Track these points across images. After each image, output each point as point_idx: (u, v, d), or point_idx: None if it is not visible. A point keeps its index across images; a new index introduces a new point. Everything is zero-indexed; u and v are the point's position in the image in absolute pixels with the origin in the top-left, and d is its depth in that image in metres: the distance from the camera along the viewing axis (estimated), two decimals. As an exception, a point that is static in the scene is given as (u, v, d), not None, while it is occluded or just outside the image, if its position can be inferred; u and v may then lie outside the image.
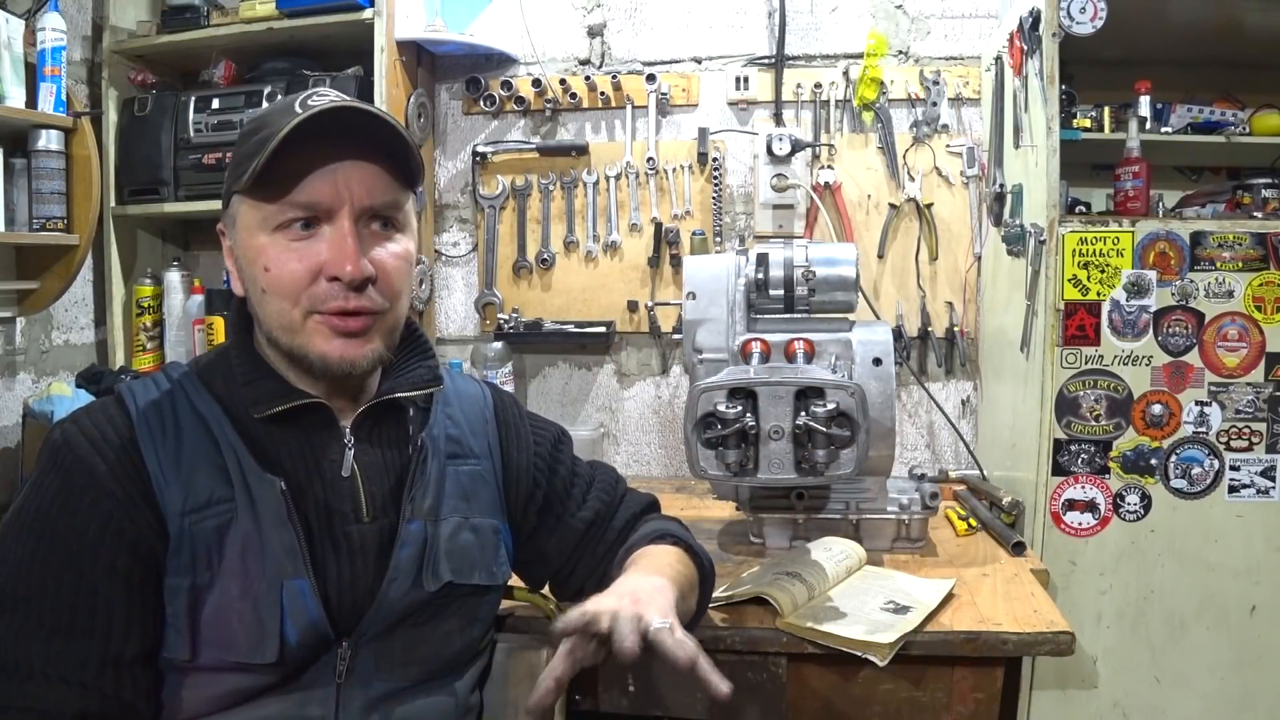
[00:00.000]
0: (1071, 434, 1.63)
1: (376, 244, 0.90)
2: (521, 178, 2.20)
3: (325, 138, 0.86)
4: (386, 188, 0.90)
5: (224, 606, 0.84)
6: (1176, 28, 1.77)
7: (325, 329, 0.88)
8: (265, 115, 0.91)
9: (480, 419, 1.08)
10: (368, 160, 0.89)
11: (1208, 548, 1.63)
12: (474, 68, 2.21)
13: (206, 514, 0.85)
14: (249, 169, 0.85)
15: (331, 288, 0.87)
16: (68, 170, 1.88)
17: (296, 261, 0.87)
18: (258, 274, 0.88)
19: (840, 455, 1.20)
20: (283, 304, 0.88)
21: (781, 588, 1.22)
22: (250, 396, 0.90)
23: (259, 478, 0.88)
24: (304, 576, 0.87)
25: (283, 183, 0.86)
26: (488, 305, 2.24)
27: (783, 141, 2.04)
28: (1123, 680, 1.65)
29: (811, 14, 2.13)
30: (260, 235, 0.88)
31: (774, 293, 1.48)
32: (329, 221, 0.87)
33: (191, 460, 0.87)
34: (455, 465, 1.02)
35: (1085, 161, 1.93)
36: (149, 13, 2.16)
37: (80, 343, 2.14)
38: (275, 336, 0.90)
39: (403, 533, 0.93)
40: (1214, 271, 1.60)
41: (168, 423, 0.88)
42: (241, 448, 0.88)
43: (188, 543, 0.84)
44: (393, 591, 0.92)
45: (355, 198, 0.88)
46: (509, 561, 1.07)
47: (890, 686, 1.18)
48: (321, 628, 0.88)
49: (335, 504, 0.91)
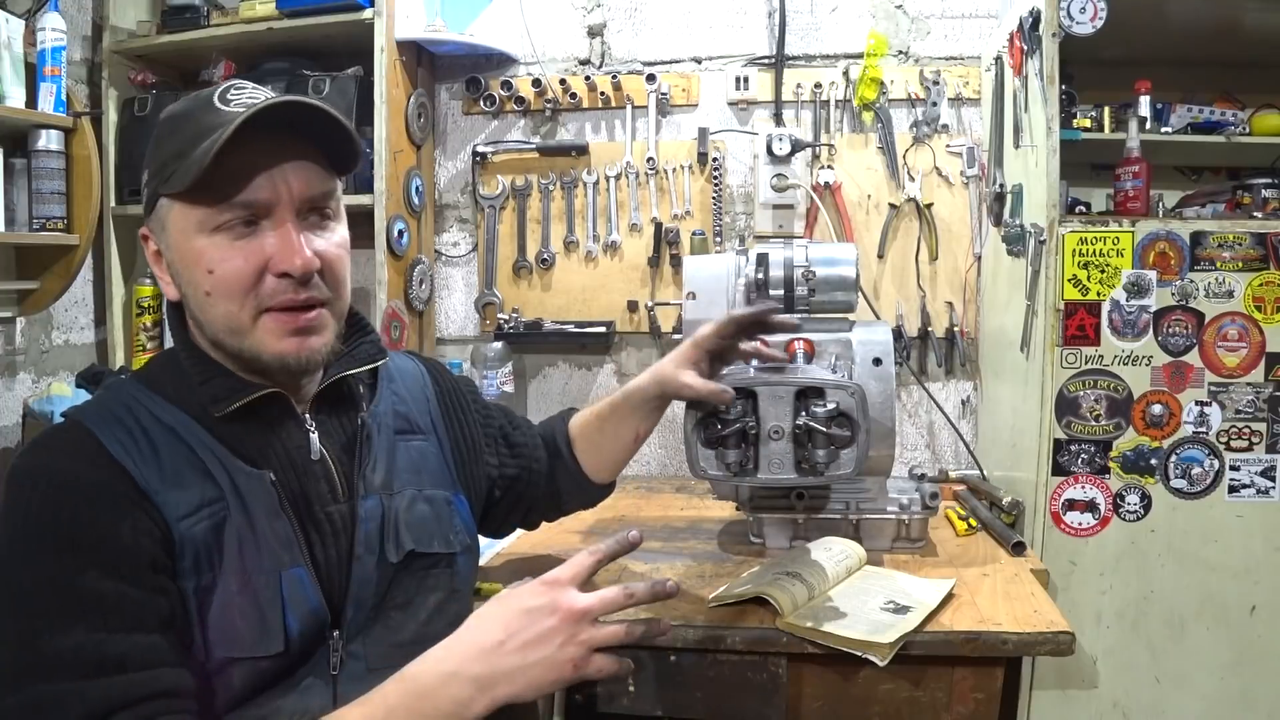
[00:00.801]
0: (1071, 434, 1.63)
1: (316, 235, 0.89)
2: (521, 178, 2.20)
3: (257, 133, 0.83)
4: (322, 179, 0.90)
5: (226, 603, 0.84)
6: (1176, 28, 1.77)
7: (277, 327, 0.87)
8: (184, 111, 0.88)
9: (421, 396, 1.10)
10: (302, 154, 0.88)
11: (1208, 548, 1.63)
12: (474, 68, 2.21)
13: (201, 515, 0.84)
14: (182, 170, 0.83)
15: (279, 283, 0.86)
16: (68, 170, 1.88)
17: (241, 260, 0.85)
18: (199, 277, 0.86)
19: (840, 455, 1.20)
20: (229, 305, 0.86)
21: (781, 588, 1.22)
22: (208, 395, 0.89)
23: (245, 474, 0.87)
24: (301, 564, 0.88)
25: (220, 183, 0.83)
26: (488, 305, 2.24)
27: (783, 141, 2.04)
28: (1123, 680, 1.65)
29: (811, 14, 2.13)
30: (198, 238, 0.85)
31: (774, 293, 1.48)
32: (269, 217, 0.86)
33: (173, 468, 0.85)
34: (405, 440, 1.03)
35: (1085, 161, 1.93)
36: (149, 13, 2.16)
37: (80, 343, 2.14)
38: (222, 340, 0.89)
39: (360, 510, 0.94)
40: (1214, 271, 1.60)
41: (137, 436, 0.85)
42: (218, 447, 0.87)
43: (189, 547, 0.83)
44: (361, 569, 0.92)
45: (294, 192, 0.87)
46: (467, 530, 1.08)
47: (890, 686, 1.18)
48: (321, 614, 0.88)
49: (311, 488, 0.92)
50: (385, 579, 0.95)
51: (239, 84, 0.89)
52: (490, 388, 2.07)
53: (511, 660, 0.78)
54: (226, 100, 0.86)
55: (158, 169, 0.87)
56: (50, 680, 0.74)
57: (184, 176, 0.82)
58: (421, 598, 0.98)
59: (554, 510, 1.35)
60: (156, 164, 0.87)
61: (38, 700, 0.73)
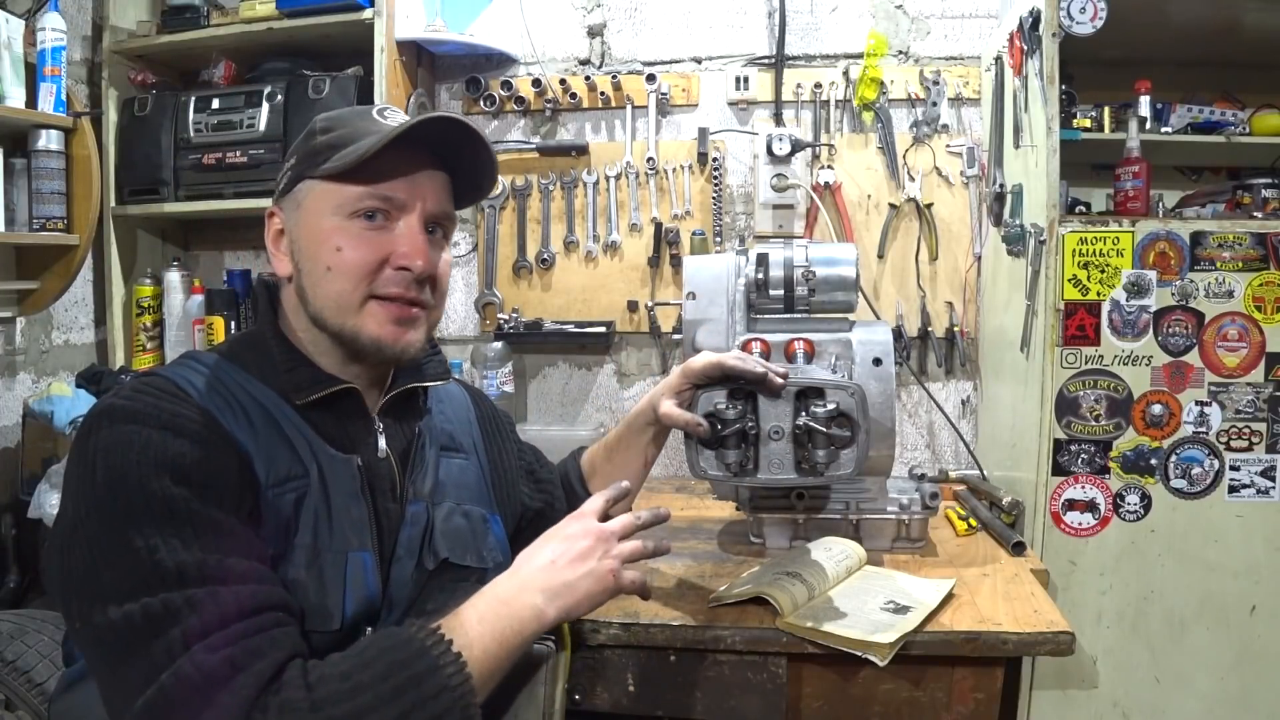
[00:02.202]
0: (1071, 434, 1.63)
1: (434, 248, 0.98)
2: (521, 178, 2.20)
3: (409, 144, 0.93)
4: (448, 200, 1.00)
5: (293, 578, 0.86)
6: (1176, 28, 1.77)
7: (381, 313, 0.94)
8: (342, 117, 0.98)
9: (465, 418, 1.17)
10: (440, 170, 0.98)
11: (1208, 548, 1.63)
12: (474, 68, 2.22)
13: (286, 488, 0.88)
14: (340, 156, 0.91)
15: (397, 276, 0.94)
16: (68, 170, 1.88)
17: (368, 248, 0.93)
18: (325, 254, 0.92)
19: (840, 455, 1.20)
20: (345, 284, 0.92)
21: (781, 588, 1.22)
22: (292, 383, 0.94)
23: (330, 456, 0.92)
24: (368, 549, 0.92)
25: (369, 173, 0.92)
26: (488, 305, 2.24)
27: (783, 141, 2.04)
28: (1123, 680, 1.65)
29: (811, 14, 2.13)
30: (332, 218, 0.93)
31: (774, 293, 1.48)
32: (400, 217, 0.94)
33: (266, 437, 0.89)
34: (448, 457, 1.09)
35: (1085, 161, 1.93)
36: (149, 13, 2.16)
37: (80, 343, 2.14)
38: (325, 316, 0.94)
39: (406, 514, 0.98)
40: (1214, 271, 1.60)
41: (231, 402, 0.89)
42: (306, 429, 0.92)
43: (271, 516, 0.87)
44: (400, 571, 0.96)
45: (427, 201, 0.96)
46: (500, 549, 1.10)
47: (890, 686, 1.18)
48: (376, 602, 0.92)
49: (377, 483, 0.96)
50: (419, 584, 0.98)
51: (393, 107, 1.00)
52: (490, 388, 2.07)
53: (565, 574, 0.89)
54: (384, 115, 0.96)
55: (307, 154, 0.95)
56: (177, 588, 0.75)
57: (342, 161, 0.91)
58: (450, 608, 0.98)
59: None
60: (307, 151, 0.95)
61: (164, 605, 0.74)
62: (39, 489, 1.68)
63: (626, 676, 1.22)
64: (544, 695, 1.17)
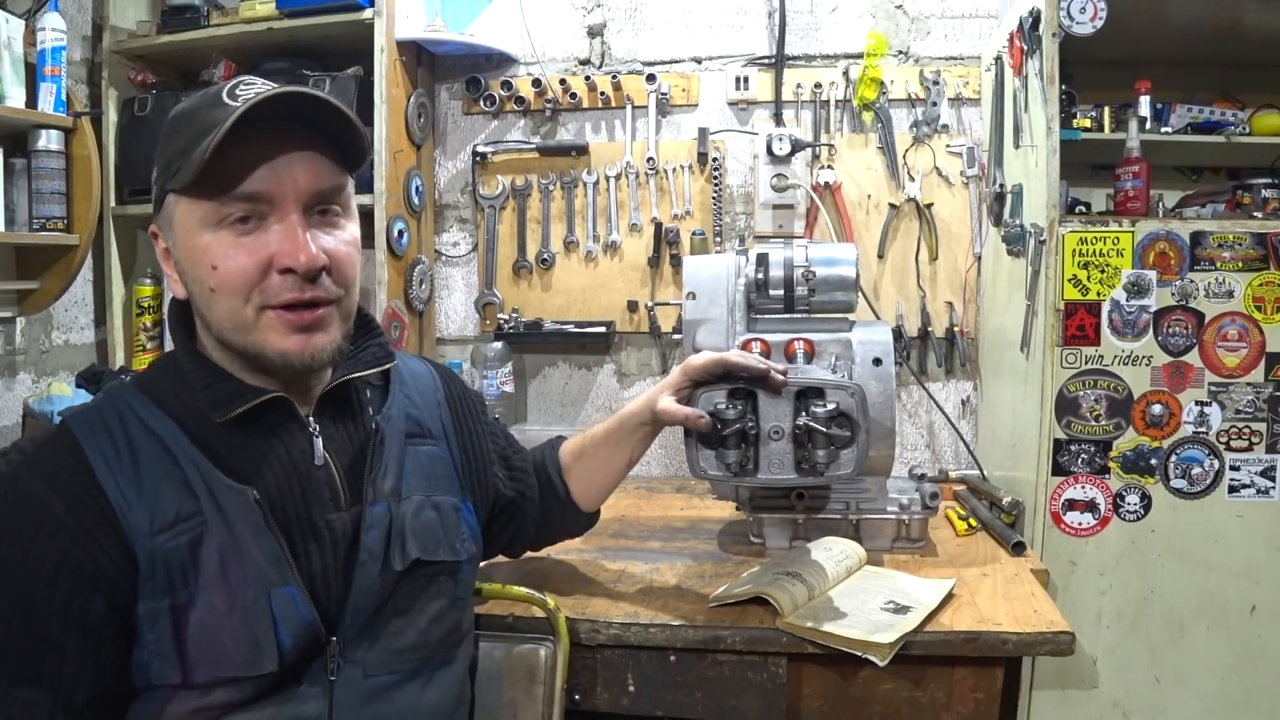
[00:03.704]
0: (1071, 434, 1.63)
1: (324, 232, 0.89)
2: (521, 178, 2.20)
3: (262, 127, 0.83)
4: (329, 173, 0.89)
5: (210, 623, 0.82)
6: (1176, 28, 1.77)
7: (280, 324, 0.87)
8: (192, 108, 0.87)
9: (434, 400, 1.10)
10: (309, 147, 0.87)
11: (1208, 548, 1.63)
12: (474, 68, 2.21)
13: (176, 531, 0.83)
14: (186, 165, 0.82)
15: (284, 280, 0.86)
16: (68, 170, 1.88)
17: (245, 256, 0.84)
18: (203, 273, 0.85)
19: (840, 455, 1.20)
20: (234, 301, 0.85)
21: (781, 588, 1.22)
22: (210, 400, 0.88)
23: (227, 488, 0.85)
24: (292, 583, 0.86)
25: (223, 177, 0.83)
26: (488, 305, 2.24)
27: (783, 141, 2.04)
28: (1123, 680, 1.65)
29: (811, 14, 2.13)
30: (203, 233, 0.85)
31: (774, 293, 1.48)
32: (275, 213, 0.86)
33: (153, 480, 0.84)
34: (415, 445, 1.02)
35: (1085, 161, 1.93)
36: (149, 13, 2.16)
37: (80, 343, 2.14)
38: (227, 337, 0.88)
39: (368, 516, 0.92)
40: (1214, 271, 1.60)
41: (120, 446, 0.85)
42: (202, 460, 0.86)
43: (161, 563, 0.82)
44: (365, 576, 0.91)
45: (300, 187, 0.86)
46: (473, 538, 1.07)
47: (890, 686, 1.18)
48: (314, 628, 0.87)
49: (314, 495, 0.90)
50: (388, 586, 0.94)
51: (248, 80, 0.88)
52: (490, 388, 2.07)
53: None
54: (235, 95, 0.85)
55: (164, 165, 0.87)
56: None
57: (187, 171, 0.82)
58: (422, 605, 0.97)
59: (541, 540, 1.33)
60: (164, 160, 0.87)
61: None
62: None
63: (626, 676, 1.22)
64: (544, 695, 1.17)
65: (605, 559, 1.46)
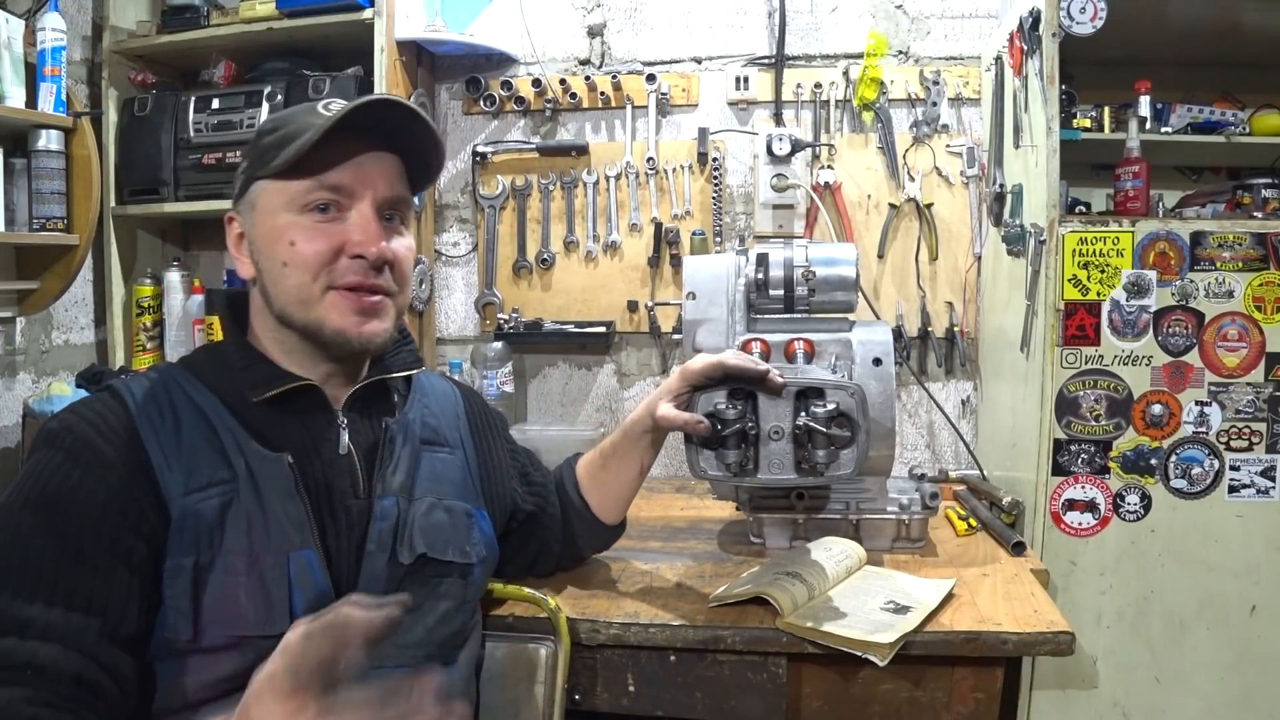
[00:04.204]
0: (1071, 434, 1.63)
1: (390, 234, 0.98)
2: (521, 178, 2.20)
3: (354, 132, 0.94)
4: (400, 185, 1.00)
5: (228, 584, 0.86)
6: (1176, 28, 1.77)
7: (343, 304, 0.95)
8: (289, 114, 0.98)
9: (452, 413, 1.16)
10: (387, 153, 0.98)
11: (1208, 548, 1.63)
12: (474, 68, 2.21)
13: (208, 493, 0.88)
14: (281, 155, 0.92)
15: (353, 264, 0.94)
16: (68, 170, 1.88)
17: (322, 239, 0.94)
18: (280, 249, 0.94)
19: (840, 455, 1.20)
20: (303, 277, 0.93)
21: (781, 588, 1.22)
22: (248, 380, 0.95)
23: (261, 456, 0.92)
24: (311, 547, 0.91)
25: (314, 167, 0.93)
26: (488, 305, 2.24)
27: (783, 141, 2.04)
28: (1123, 680, 1.65)
29: (811, 14, 2.13)
30: (285, 214, 0.94)
31: (774, 293, 1.48)
32: (352, 206, 0.95)
33: (191, 445, 0.90)
34: (431, 451, 1.08)
35: (1085, 161, 1.93)
36: (149, 13, 2.16)
37: (80, 343, 2.14)
38: (289, 311, 0.95)
39: (376, 508, 0.98)
40: (1214, 271, 1.60)
41: (165, 411, 0.91)
42: (240, 431, 0.92)
43: (190, 523, 0.86)
44: (372, 564, 0.95)
45: (377, 187, 0.96)
46: (485, 544, 1.11)
47: (890, 686, 1.18)
48: (328, 597, 0.90)
49: (335, 480, 0.96)
50: (396, 579, 0.97)
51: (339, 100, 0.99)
52: (490, 388, 2.07)
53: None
54: (328, 107, 0.96)
55: (257, 157, 0.96)
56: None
57: (285, 157, 0.92)
58: (431, 603, 1.01)
59: (569, 556, 1.36)
60: (256, 154, 0.96)
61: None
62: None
63: (626, 676, 1.22)
64: (544, 695, 1.17)
65: (605, 559, 1.46)
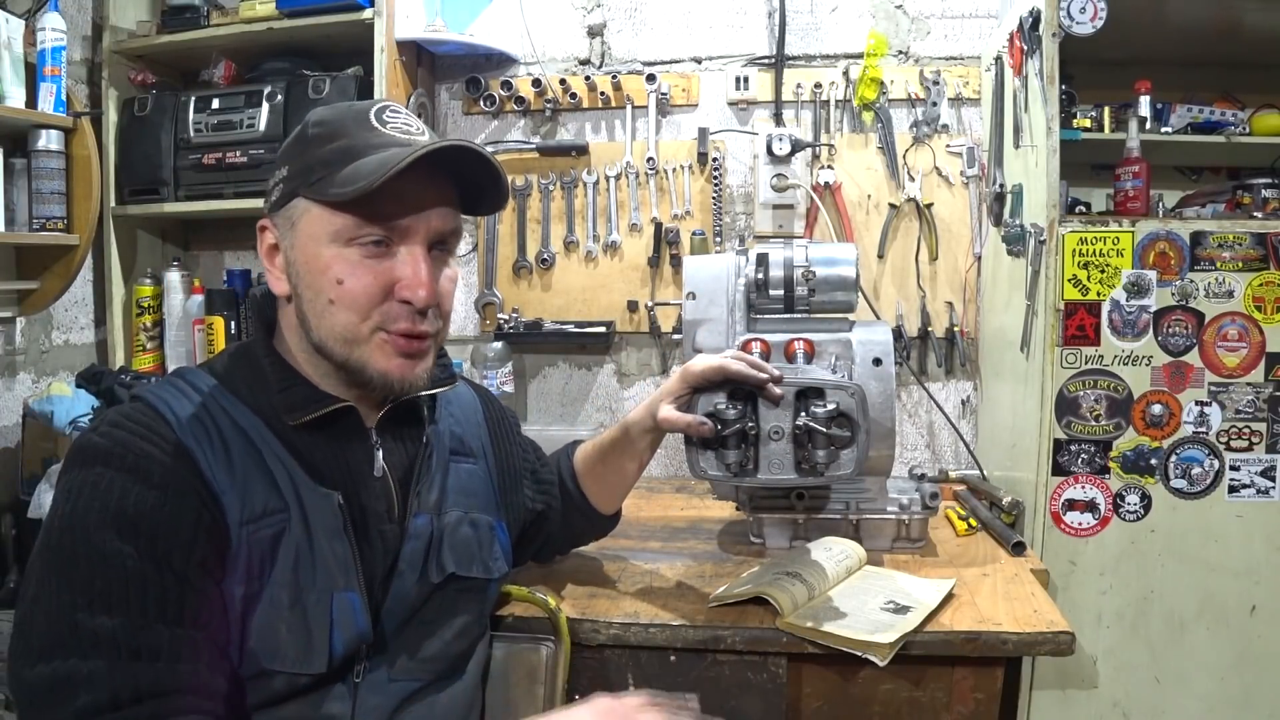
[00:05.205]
0: (1071, 434, 1.63)
1: (438, 269, 0.93)
2: (521, 178, 2.20)
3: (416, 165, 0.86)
4: (454, 217, 0.94)
5: (272, 616, 0.84)
6: (1176, 28, 1.77)
7: (390, 348, 0.90)
8: (337, 122, 0.90)
9: (474, 420, 1.15)
10: (445, 190, 0.92)
11: (1208, 548, 1.63)
12: (474, 68, 2.21)
13: (262, 524, 0.85)
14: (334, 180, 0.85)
15: (402, 309, 0.89)
16: (68, 170, 1.88)
17: (371, 278, 0.88)
18: (325, 284, 0.88)
19: (840, 455, 1.20)
20: (351, 318, 0.88)
21: (781, 588, 1.22)
22: (285, 403, 0.91)
23: (312, 490, 0.89)
24: (355, 590, 0.89)
25: (371, 203, 0.86)
26: (488, 305, 2.24)
27: (783, 141, 2.04)
28: (1123, 680, 1.65)
29: (811, 14, 2.13)
30: (330, 246, 0.88)
31: (774, 293, 1.48)
32: (404, 244, 0.89)
33: (243, 471, 0.86)
34: (457, 462, 1.07)
35: (1085, 161, 1.93)
36: (149, 13, 2.16)
37: (80, 343, 2.14)
38: (330, 347, 0.90)
39: (410, 527, 0.96)
40: (1214, 271, 1.60)
41: (212, 433, 0.86)
42: (289, 459, 0.89)
43: (244, 552, 0.84)
44: (402, 586, 0.94)
45: (431, 226, 0.91)
46: (504, 558, 1.10)
47: (890, 686, 1.18)
48: (366, 637, 0.89)
49: (372, 506, 0.94)
50: (422, 597, 0.97)
51: (394, 107, 0.93)
52: (490, 388, 2.07)
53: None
54: (383, 121, 0.90)
55: (302, 169, 0.89)
56: (84, 657, 0.74)
57: (343, 189, 0.85)
58: (450, 618, 1.00)
59: (569, 544, 1.37)
60: (301, 164, 0.89)
61: (68, 674, 0.73)
62: (39, 489, 1.68)
63: (626, 676, 1.22)
64: (544, 695, 1.17)
65: (605, 559, 1.46)
